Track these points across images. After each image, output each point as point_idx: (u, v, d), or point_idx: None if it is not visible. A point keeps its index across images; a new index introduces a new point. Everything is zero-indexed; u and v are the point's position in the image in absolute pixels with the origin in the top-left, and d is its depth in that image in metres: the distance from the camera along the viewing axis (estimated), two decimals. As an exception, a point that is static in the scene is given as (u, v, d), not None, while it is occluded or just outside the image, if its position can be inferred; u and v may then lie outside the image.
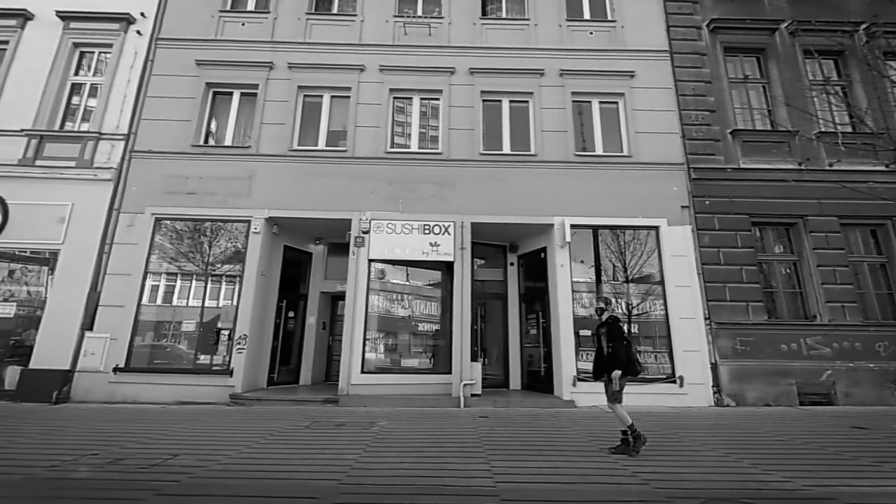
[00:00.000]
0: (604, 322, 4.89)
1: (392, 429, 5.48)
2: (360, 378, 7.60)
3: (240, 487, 3.27)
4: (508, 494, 3.17)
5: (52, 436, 4.89)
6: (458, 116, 8.96)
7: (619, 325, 4.77)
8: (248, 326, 7.80)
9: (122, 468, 3.69)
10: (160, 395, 7.44)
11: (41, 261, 8.18)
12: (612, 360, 4.58)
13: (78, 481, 3.35)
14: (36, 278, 8.39)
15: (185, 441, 4.73)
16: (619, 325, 4.77)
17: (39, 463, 3.80)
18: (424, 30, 9.43)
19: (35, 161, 8.47)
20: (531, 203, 8.45)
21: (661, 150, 8.75)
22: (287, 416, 6.28)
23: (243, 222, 8.34)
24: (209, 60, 9.07)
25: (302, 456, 4.19)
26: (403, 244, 8.18)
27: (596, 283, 8.24)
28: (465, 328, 7.84)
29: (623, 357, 4.54)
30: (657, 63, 9.28)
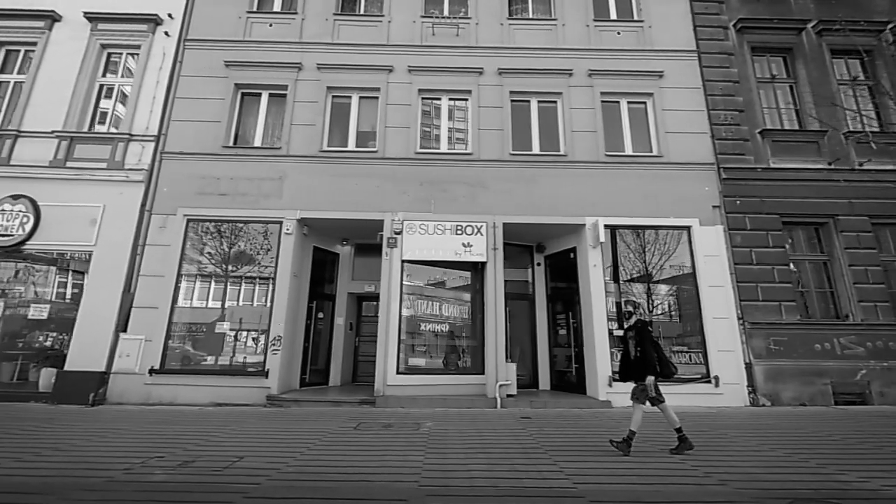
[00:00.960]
0: (632, 325, 4.90)
1: (441, 430, 5.48)
2: (396, 379, 7.59)
3: (325, 490, 3.27)
4: (593, 496, 3.17)
5: (108, 438, 4.88)
6: (487, 117, 8.95)
7: (648, 329, 4.78)
8: (283, 328, 7.80)
9: (194, 470, 3.68)
10: (196, 397, 7.43)
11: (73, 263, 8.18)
12: (644, 364, 4.57)
13: (158, 484, 3.35)
14: (43, 278, 8.40)
15: (243, 443, 4.73)
16: (648, 329, 4.78)
17: (111, 466, 3.79)
18: (452, 30, 9.43)
19: (66, 162, 8.47)
20: (562, 203, 8.45)
21: (691, 150, 8.75)
22: (329, 418, 6.28)
23: (275, 223, 8.33)
24: (238, 61, 9.07)
25: (367, 457, 4.18)
26: (436, 245, 8.17)
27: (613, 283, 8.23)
28: (499, 329, 7.84)
29: (654, 360, 4.54)
30: (685, 63, 9.28)
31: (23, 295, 8.17)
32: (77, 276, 8.70)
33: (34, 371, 9.40)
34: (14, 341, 8.78)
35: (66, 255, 8.21)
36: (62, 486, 3.27)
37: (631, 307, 5.05)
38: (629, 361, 4.79)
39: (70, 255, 8.19)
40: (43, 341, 8.13)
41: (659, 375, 4.53)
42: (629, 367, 4.77)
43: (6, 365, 9.27)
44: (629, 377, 4.77)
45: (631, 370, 4.73)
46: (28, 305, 8.10)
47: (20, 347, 9.34)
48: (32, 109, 8.72)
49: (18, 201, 8.15)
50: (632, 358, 4.74)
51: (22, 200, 8.15)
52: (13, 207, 8.12)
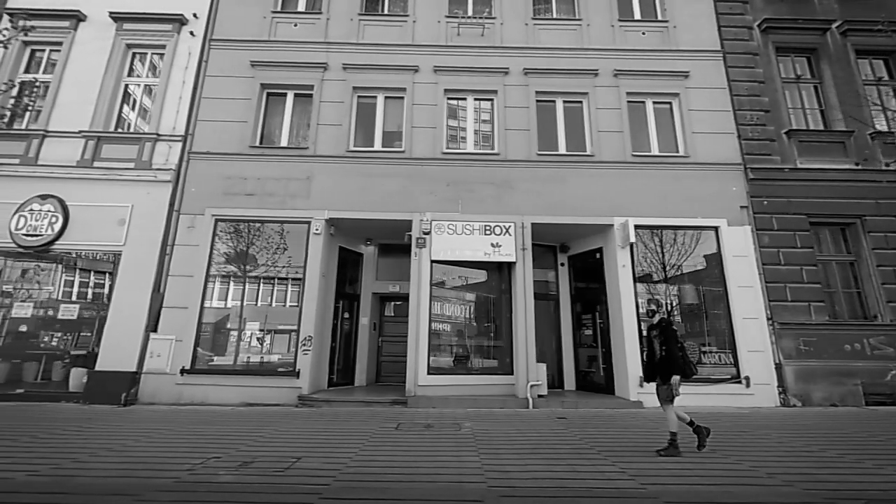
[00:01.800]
0: (655, 324, 4.91)
1: (482, 430, 5.48)
2: (426, 379, 7.59)
3: (398, 490, 3.27)
4: (667, 496, 3.17)
5: (154, 439, 4.88)
6: (512, 117, 8.95)
7: (672, 328, 4.78)
8: (313, 328, 7.80)
9: (256, 471, 3.68)
10: (227, 397, 7.43)
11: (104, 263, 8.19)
12: (669, 363, 4.57)
13: (227, 485, 3.35)
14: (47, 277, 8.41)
15: (291, 443, 4.72)
16: (672, 328, 4.78)
17: (171, 466, 3.79)
18: (477, 30, 9.43)
19: (93, 162, 8.47)
20: (589, 204, 8.45)
21: (718, 151, 8.75)
22: (365, 418, 6.28)
23: (303, 223, 8.32)
24: (263, 61, 9.06)
25: (422, 458, 4.19)
26: (465, 245, 8.17)
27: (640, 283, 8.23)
28: (529, 329, 7.84)
29: (679, 360, 4.55)
30: (710, 63, 9.27)
31: (52, 295, 8.18)
32: (101, 276, 8.73)
33: (58, 370, 9.46)
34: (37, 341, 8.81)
35: (94, 255, 8.21)
36: (132, 486, 3.28)
37: (654, 306, 5.07)
38: (654, 361, 4.82)
39: (99, 255, 8.20)
40: (71, 341, 8.14)
41: (682, 376, 4.54)
42: (654, 367, 4.80)
43: (30, 365, 9.32)
44: (654, 377, 4.80)
45: (656, 370, 4.75)
46: (57, 305, 8.12)
47: (41, 347, 9.37)
48: (59, 109, 8.71)
49: (47, 201, 8.15)
50: (657, 358, 4.76)
51: (50, 200, 8.15)
52: (41, 207, 8.12)
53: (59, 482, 3.35)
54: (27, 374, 9.20)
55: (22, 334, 8.17)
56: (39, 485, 3.29)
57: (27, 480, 3.36)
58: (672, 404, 4.57)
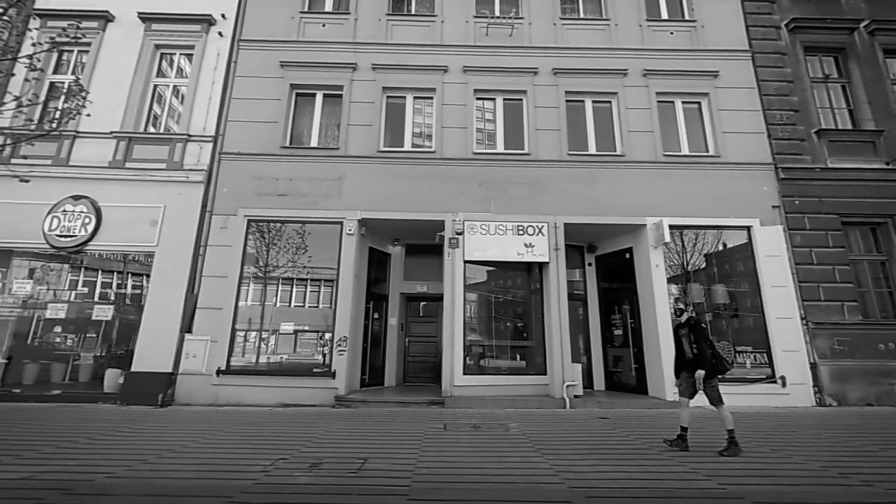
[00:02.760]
0: (683, 322, 4.95)
1: (531, 431, 5.47)
2: (462, 380, 7.59)
3: (484, 491, 3.26)
4: (752, 496, 3.17)
5: (211, 440, 4.86)
6: (543, 117, 8.95)
7: (702, 326, 4.81)
8: (348, 328, 7.79)
9: (329, 472, 3.68)
10: (263, 398, 7.43)
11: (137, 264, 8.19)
12: (699, 361, 4.60)
13: (308, 486, 3.34)
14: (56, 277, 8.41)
15: (350, 444, 4.71)
16: (702, 326, 4.81)
17: (240, 468, 3.79)
18: (505, 30, 9.43)
19: (124, 163, 8.47)
20: (620, 203, 8.44)
21: (749, 150, 8.75)
22: (409, 418, 6.27)
23: (335, 224, 8.32)
24: (293, 62, 9.06)
25: (486, 458, 4.17)
26: (498, 245, 8.16)
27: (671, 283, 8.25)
28: (563, 329, 7.84)
29: (709, 357, 4.58)
30: (739, 63, 9.27)
31: (87, 296, 8.19)
32: (135, 278, 8.73)
33: (86, 371, 9.47)
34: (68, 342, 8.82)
35: (128, 255, 8.22)
36: (218, 488, 3.27)
37: (682, 305, 5.13)
38: (683, 358, 4.87)
39: (132, 255, 8.20)
40: (105, 342, 8.15)
41: (716, 373, 4.59)
42: (684, 365, 4.85)
43: (58, 365, 9.33)
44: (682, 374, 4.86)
45: (686, 367, 4.80)
46: (91, 306, 8.12)
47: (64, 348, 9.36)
48: (89, 110, 8.66)
49: (79, 202, 8.15)
50: (687, 356, 4.81)
51: (83, 201, 8.15)
52: (74, 208, 8.12)
53: (140, 484, 3.34)
54: (55, 374, 9.23)
55: (56, 335, 8.17)
56: (124, 486, 3.28)
57: (109, 483, 3.35)
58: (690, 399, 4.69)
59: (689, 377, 4.69)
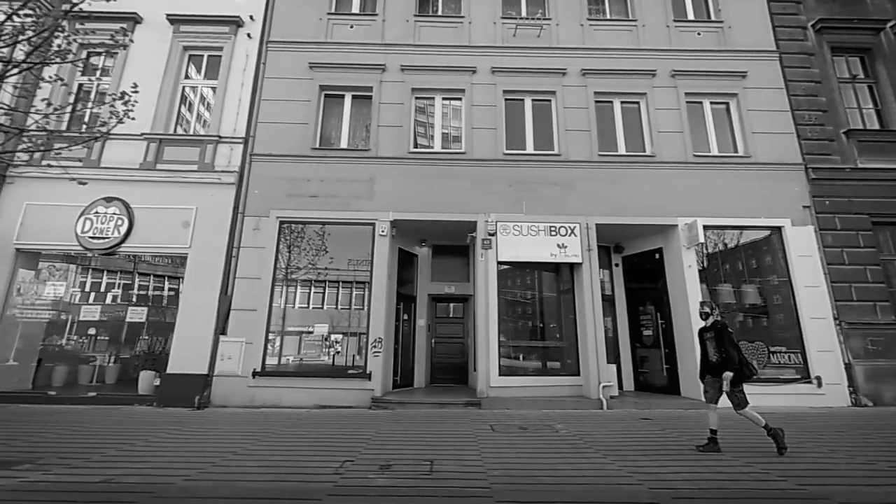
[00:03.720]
0: (709, 326, 4.96)
1: (580, 432, 5.47)
2: (498, 381, 7.58)
3: (567, 493, 3.26)
4: (840, 497, 3.17)
5: (265, 442, 4.85)
6: (572, 117, 8.95)
7: (728, 330, 4.82)
8: (382, 330, 7.79)
9: (402, 474, 3.67)
10: (299, 399, 7.42)
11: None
12: (726, 365, 4.61)
13: (388, 489, 3.33)
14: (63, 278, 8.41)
15: (407, 445, 4.71)
16: (728, 330, 4.82)
17: (310, 470, 3.78)
18: (532, 31, 9.44)
19: (155, 165, 8.46)
20: (651, 204, 8.45)
21: (778, 151, 8.76)
22: (451, 419, 6.27)
23: (367, 225, 8.32)
24: (321, 63, 9.06)
25: (551, 459, 4.17)
26: (531, 246, 8.16)
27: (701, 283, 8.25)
28: (598, 330, 7.84)
29: (737, 362, 4.60)
30: (766, 63, 9.29)
31: (122, 298, 8.19)
32: (160, 279, 8.72)
33: (112, 373, 9.48)
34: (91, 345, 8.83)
35: (161, 257, 8.21)
36: (298, 490, 3.27)
37: (708, 308, 5.10)
38: (708, 362, 4.89)
39: (165, 257, 8.20)
40: (140, 345, 8.16)
41: (742, 378, 4.59)
42: (709, 368, 4.88)
43: (85, 367, 9.33)
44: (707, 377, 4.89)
45: (711, 371, 4.82)
46: (125, 308, 8.13)
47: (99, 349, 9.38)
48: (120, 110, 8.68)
49: (112, 204, 8.15)
50: (711, 359, 4.84)
51: (115, 203, 8.15)
52: (106, 210, 8.12)
53: (221, 487, 3.34)
54: (83, 376, 9.24)
55: (89, 337, 8.18)
56: (206, 490, 3.27)
57: (190, 486, 3.35)
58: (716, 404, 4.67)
59: (716, 381, 4.69)
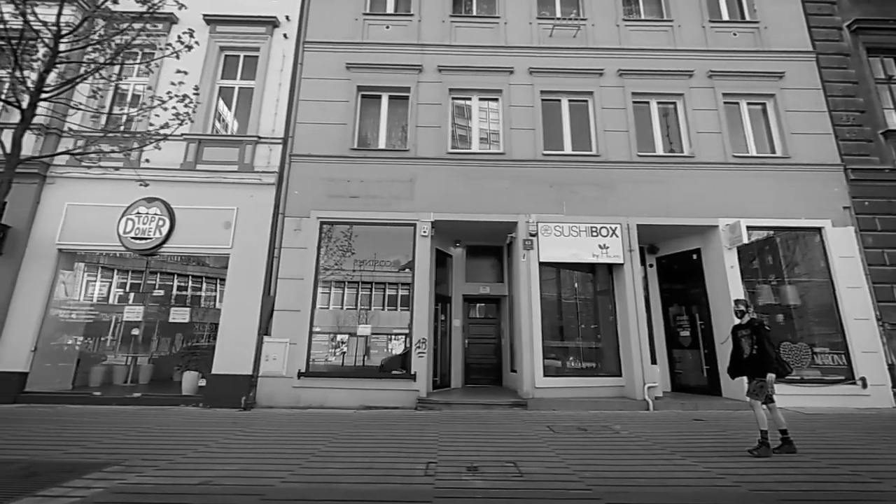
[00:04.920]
0: (745, 324, 5.00)
1: (641, 433, 5.47)
2: (543, 381, 7.58)
3: (667, 496, 3.26)
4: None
5: (339, 443, 4.83)
6: (610, 118, 8.95)
7: (766, 328, 4.86)
8: (426, 330, 7.79)
9: (493, 476, 3.67)
10: (345, 400, 7.41)
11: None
12: (763, 363, 4.65)
13: (490, 491, 3.33)
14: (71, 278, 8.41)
15: (479, 446, 4.69)
16: (766, 328, 4.86)
17: (396, 471, 3.77)
18: (568, 32, 9.43)
19: (195, 165, 8.46)
20: (690, 204, 8.44)
21: (817, 151, 8.75)
22: (504, 420, 6.27)
23: (407, 226, 8.32)
24: (359, 63, 9.06)
25: (637, 461, 4.17)
26: (572, 247, 8.16)
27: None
28: (642, 330, 7.84)
29: (774, 359, 4.63)
30: (803, 64, 9.28)
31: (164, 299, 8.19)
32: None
33: (145, 373, 9.49)
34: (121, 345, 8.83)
35: (203, 258, 8.21)
36: (401, 493, 3.26)
37: (743, 306, 5.15)
38: (741, 359, 4.94)
39: (207, 257, 8.20)
40: (181, 345, 8.16)
41: (777, 376, 4.61)
42: (740, 365, 4.94)
43: (120, 368, 9.34)
44: (740, 374, 4.99)
45: (743, 368, 4.89)
46: (168, 309, 8.13)
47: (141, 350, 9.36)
48: (158, 111, 8.67)
49: (153, 204, 8.15)
50: (745, 356, 4.88)
51: (156, 203, 8.15)
52: (148, 210, 8.12)
53: (323, 489, 3.33)
54: (117, 376, 9.25)
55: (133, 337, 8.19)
56: (308, 492, 3.27)
57: (292, 487, 3.34)
58: (761, 401, 4.65)
59: (759, 382, 4.66)
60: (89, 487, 3.26)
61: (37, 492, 3.15)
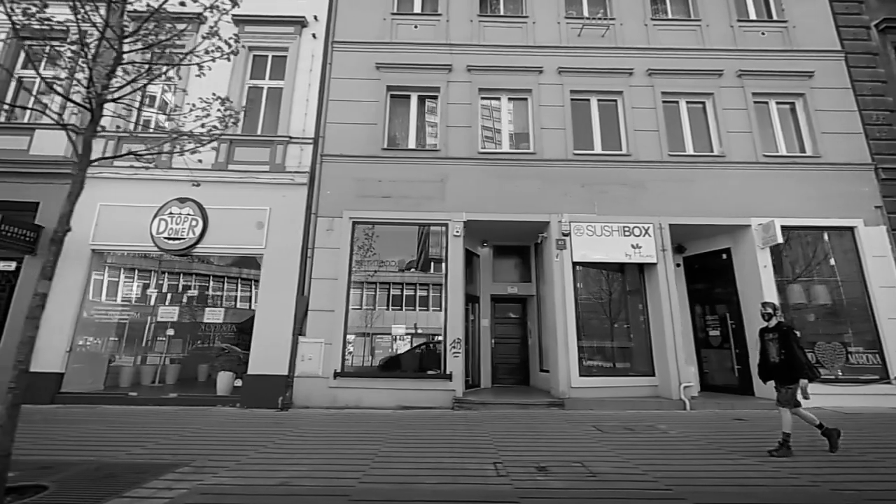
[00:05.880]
0: (772, 327, 4.97)
1: (689, 434, 5.47)
2: (579, 381, 7.58)
3: (751, 496, 3.26)
4: None
5: (394, 444, 4.83)
6: (640, 118, 8.94)
7: (794, 332, 4.84)
8: (460, 330, 7.79)
9: (566, 476, 3.67)
10: (380, 400, 7.41)
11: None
12: (792, 367, 4.62)
13: (574, 491, 3.33)
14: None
15: (538, 446, 4.69)
16: (794, 332, 4.84)
17: (467, 471, 3.77)
18: (596, 31, 9.42)
19: (227, 165, 8.45)
20: (721, 204, 8.44)
21: (847, 151, 8.75)
22: (544, 420, 6.28)
23: (439, 226, 8.32)
24: (388, 63, 9.05)
25: (697, 461, 4.17)
26: (605, 246, 8.15)
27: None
28: (677, 330, 7.84)
29: (804, 364, 4.61)
30: (832, 63, 9.28)
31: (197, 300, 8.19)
32: (232, 281, 8.71)
33: (172, 373, 9.50)
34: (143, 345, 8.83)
35: (237, 258, 8.21)
36: (479, 493, 3.26)
37: (770, 309, 5.11)
38: (769, 363, 4.92)
39: (240, 258, 8.20)
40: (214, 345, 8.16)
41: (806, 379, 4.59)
42: (769, 370, 4.91)
43: (147, 368, 9.34)
44: (769, 378, 4.93)
45: (772, 372, 4.86)
46: (202, 309, 8.13)
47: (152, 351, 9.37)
48: (186, 111, 8.67)
49: (185, 205, 8.14)
50: (772, 360, 4.86)
51: (189, 204, 8.14)
52: (181, 211, 8.12)
53: (406, 490, 3.33)
54: (145, 376, 9.25)
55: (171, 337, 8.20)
56: (396, 492, 3.27)
57: (371, 488, 3.34)
58: (799, 406, 4.63)
59: (789, 388, 4.65)
60: (171, 488, 3.26)
61: (123, 493, 3.15)
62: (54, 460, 3.98)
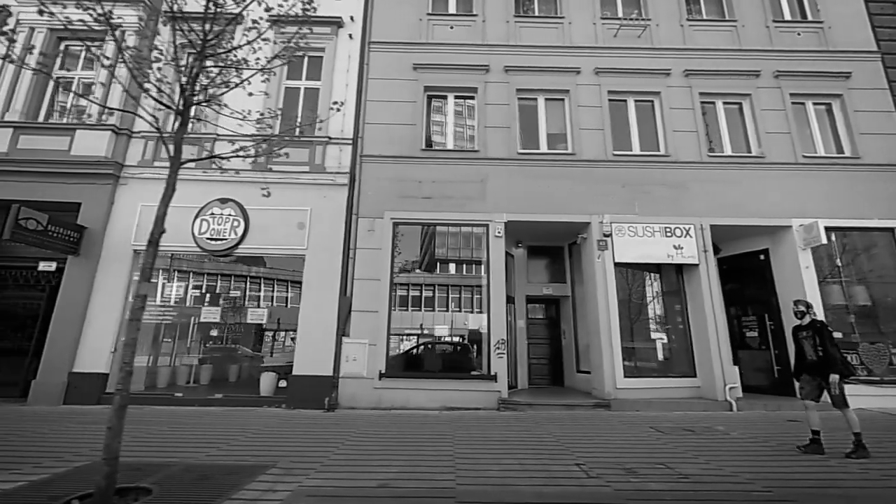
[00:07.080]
0: (806, 325, 5.01)
1: (747, 435, 5.48)
2: (624, 382, 7.57)
3: (854, 499, 3.25)
4: None
5: (468, 446, 4.84)
6: (678, 118, 8.93)
7: (828, 329, 4.87)
8: (504, 331, 7.78)
9: (655, 478, 3.66)
10: (426, 401, 7.41)
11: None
12: (827, 364, 4.67)
13: (677, 493, 3.33)
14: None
15: (608, 448, 4.69)
16: (828, 329, 4.87)
17: (551, 474, 3.77)
18: (632, 32, 9.41)
19: (267, 166, 8.43)
20: (761, 205, 8.43)
21: (886, 152, 8.74)
22: (595, 421, 6.28)
23: (480, 226, 8.31)
24: (425, 64, 9.05)
25: (779, 463, 4.17)
26: (646, 247, 8.15)
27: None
28: (721, 331, 7.84)
29: (839, 360, 4.64)
30: (868, 63, 9.27)
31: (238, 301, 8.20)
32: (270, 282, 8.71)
33: (206, 374, 9.49)
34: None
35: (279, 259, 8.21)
36: (574, 495, 3.26)
37: (803, 307, 5.15)
38: (805, 361, 4.97)
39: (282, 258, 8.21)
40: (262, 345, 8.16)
41: (841, 377, 4.63)
42: (805, 367, 4.97)
43: (182, 368, 9.33)
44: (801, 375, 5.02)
45: (808, 369, 4.91)
46: (244, 310, 8.14)
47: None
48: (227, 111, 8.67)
49: (227, 205, 8.15)
50: (808, 357, 4.91)
51: (230, 204, 8.15)
52: (222, 211, 8.12)
53: (509, 491, 3.33)
54: (180, 377, 9.25)
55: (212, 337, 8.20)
56: (499, 493, 3.27)
57: (472, 489, 3.34)
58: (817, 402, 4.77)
59: (813, 380, 4.80)
60: (273, 490, 3.26)
61: (229, 495, 3.15)
62: (138, 462, 3.98)
